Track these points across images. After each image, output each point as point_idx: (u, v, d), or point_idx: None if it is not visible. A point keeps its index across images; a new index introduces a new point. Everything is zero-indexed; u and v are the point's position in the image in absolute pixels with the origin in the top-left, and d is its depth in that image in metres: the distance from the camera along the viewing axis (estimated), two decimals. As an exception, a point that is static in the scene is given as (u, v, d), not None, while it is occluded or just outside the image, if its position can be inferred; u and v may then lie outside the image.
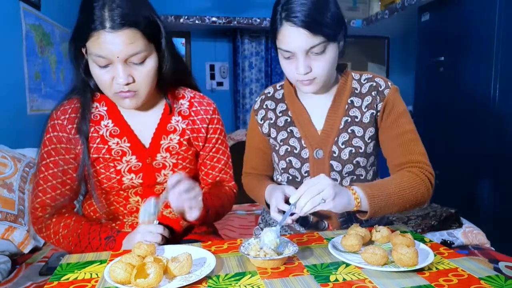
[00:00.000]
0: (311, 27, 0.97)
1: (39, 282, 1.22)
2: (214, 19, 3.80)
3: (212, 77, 4.26)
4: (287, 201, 1.02)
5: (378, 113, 1.12)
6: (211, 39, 4.18)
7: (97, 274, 0.81)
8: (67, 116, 1.04)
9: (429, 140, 2.79)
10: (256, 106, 1.24)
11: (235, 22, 3.82)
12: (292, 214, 1.00)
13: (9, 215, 1.43)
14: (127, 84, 0.95)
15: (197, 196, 0.96)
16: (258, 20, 3.83)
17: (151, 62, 0.98)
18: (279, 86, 1.24)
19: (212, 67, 4.24)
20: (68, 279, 0.79)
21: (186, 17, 3.69)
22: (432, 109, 2.82)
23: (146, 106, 1.08)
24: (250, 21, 3.84)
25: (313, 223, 1.20)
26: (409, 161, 1.08)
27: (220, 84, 4.29)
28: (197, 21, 3.74)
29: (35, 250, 1.49)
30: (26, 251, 1.42)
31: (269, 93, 1.24)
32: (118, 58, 0.92)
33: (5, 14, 2.07)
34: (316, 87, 1.06)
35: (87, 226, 1.04)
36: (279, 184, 1.20)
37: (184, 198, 0.93)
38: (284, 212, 0.99)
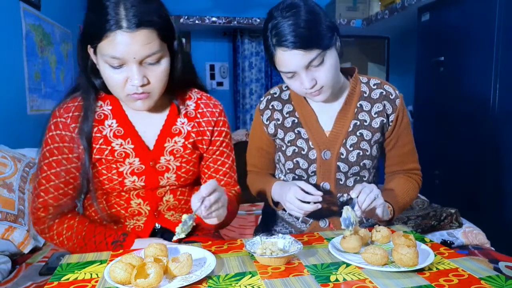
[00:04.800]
0: (304, 46, 0.97)
1: (39, 282, 1.22)
2: (214, 19, 3.79)
3: (212, 77, 4.26)
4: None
5: (390, 123, 1.15)
6: (211, 39, 4.18)
7: (97, 274, 0.81)
8: (70, 114, 1.01)
9: (429, 140, 2.81)
10: (262, 106, 1.23)
11: (235, 22, 3.82)
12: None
13: (9, 215, 1.43)
14: (142, 85, 0.93)
15: (225, 204, 0.92)
16: (258, 20, 3.83)
17: (165, 63, 0.96)
18: (285, 87, 1.23)
19: (212, 67, 4.24)
20: (68, 279, 0.79)
21: (186, 17, 3.69)
22: (432, 109, 2.82)
23: (152, 107, 1.04)
24: (250, 21, 3.84)
25: (314, 221, 1.20)
26: (407, 169, 1.22)
27: (220, 84, 4.29)
28: (197, 21, 3.74)
29: (35, 250, 1.48)
30: (26, 251, 1.42)
31: (275, 93, 1.23)
32: (135, 59, 0.89)
33: (5, 14, 2.07)
34: (326, 94, 1.07)
35: (92, 228, 1.02)
36: None
37: (214, 208, 0.88)
38: (303, 201, 1.01)
